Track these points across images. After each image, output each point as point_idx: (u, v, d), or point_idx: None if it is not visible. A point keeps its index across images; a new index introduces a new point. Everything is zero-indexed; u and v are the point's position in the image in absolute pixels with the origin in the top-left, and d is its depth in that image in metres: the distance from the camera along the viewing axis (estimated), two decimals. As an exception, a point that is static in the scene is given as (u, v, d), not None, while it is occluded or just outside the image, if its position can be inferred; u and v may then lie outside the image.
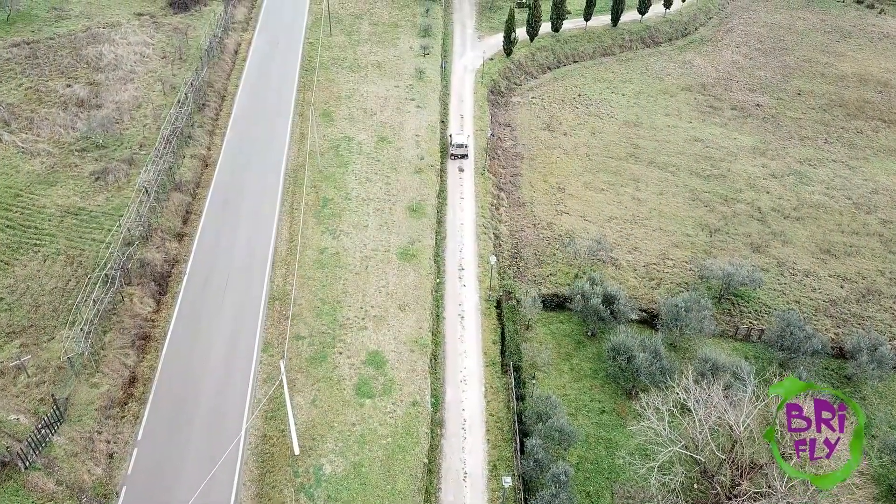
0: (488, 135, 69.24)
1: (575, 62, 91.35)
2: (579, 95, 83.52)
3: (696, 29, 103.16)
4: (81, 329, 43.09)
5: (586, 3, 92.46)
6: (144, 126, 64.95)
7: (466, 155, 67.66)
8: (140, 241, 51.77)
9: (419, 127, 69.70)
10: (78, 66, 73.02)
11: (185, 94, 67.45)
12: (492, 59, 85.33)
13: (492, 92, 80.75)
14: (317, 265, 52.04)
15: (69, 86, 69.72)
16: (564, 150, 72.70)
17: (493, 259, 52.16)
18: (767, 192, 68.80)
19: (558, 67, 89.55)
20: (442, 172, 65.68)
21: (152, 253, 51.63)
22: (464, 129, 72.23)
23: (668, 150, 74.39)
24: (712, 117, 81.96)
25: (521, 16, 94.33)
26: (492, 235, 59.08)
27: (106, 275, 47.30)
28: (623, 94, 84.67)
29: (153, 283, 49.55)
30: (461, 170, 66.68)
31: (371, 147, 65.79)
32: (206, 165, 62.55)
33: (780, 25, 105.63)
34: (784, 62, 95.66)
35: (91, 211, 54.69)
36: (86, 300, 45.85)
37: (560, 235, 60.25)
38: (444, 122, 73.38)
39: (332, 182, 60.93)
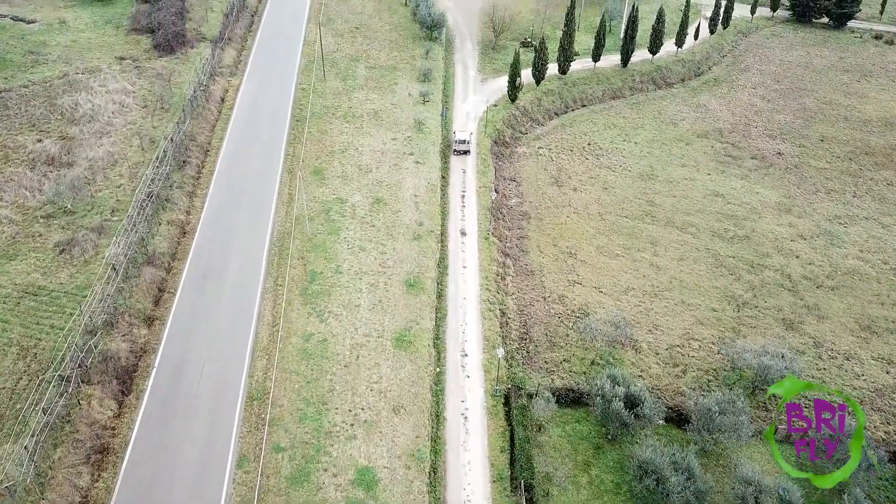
0: (492, 196, 63.82)
1: (583, 106, 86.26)
2: (589, 144, 78.26)
3: (709, 68, 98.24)
4: (26, 447, 37.34)
5: (595, 43, 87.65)
6: (119, 187, 59.59)
7: (468, 151, 70.88)
8: (104, 328, 46.15)
9: (418, 186, 64.32)
10: (51, 117, 67.92)
11: (164, 150, 62.21)
12: (495, 105, 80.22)
13: (496, 142, 75.49)
14: (301, 356, 46.33)
15: (40, 140, 64.54)
16: (575, 209, 67.26)
17: (500, 352, 46.43)
18: (797, 257, 63.20)
19: (566, 113, 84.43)
20: (442, 236, 60.20)
21: (117, 342, 45.98)
22: (467, 127, 75.00)
23: (687, 208, 68.96)
24: (732, 168, 76.61)
25: (526, 56, 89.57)
26: (498, 312, 53.41)
27: (61, 375, 41.65)
28: (635, 143, 79.44)
29: (115, 380, 43.82)
30: (463, 233, 61.21)
31: (365, 210, 60.38)
32: (184, 233, 57.06)
33: (796, 64, 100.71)
34: (804, 104, 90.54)
35: (52, 290, 49.14)
36: (35, 406, 40.16)
37: (573, 311, 54.59)
38: (444, 178, 68.04)
39: (321, 252, 55.40)
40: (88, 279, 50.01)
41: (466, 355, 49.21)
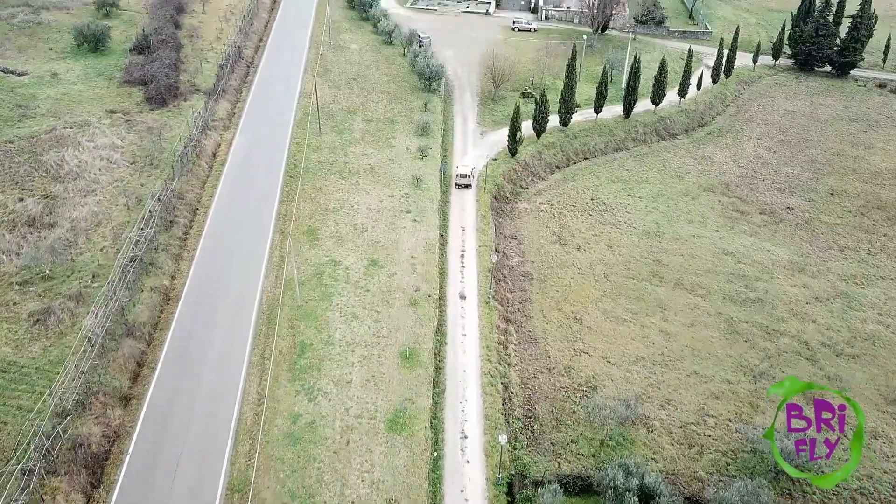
0: (493, 259, 60.98)
1: (586, 159, 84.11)
2: (592, 199, 75.79)
3: (713, 118, 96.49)
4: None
5: (597, 94, 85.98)
6: (101, 250, 56.78)
7: (469, 185, 72.07)
8: (75, 410, 42.82)
9: (415, 246, 61.59)
10: (36, 174, 65.56)
11: (151, 210, 59.60)
12: (495, 159, 78.07)
13: (496, 198, 73.03)
14: (288, 440, 42.88)
15: (22, 199, 62.02)
16: (579, 269, 64.38)
17: (503, 439, 42.94)
18: (813, 321, 60.08)
19: (568, 166, 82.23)
20: (441, 301, 57.16)
21: (89, 426, 42.59)
22: (469, 162, 75.44)
23: (696, 268, 66.08)
24: (740, 224, 73.99)
25: (527, 107, 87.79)
26: (500, 387, 50.04)
27: (23, 468, 38.18)
28: (640, 198, 76.99)
29: (85, 470, 40.29)
30: (462, 297, 58.20)
31: (360, 273, 57.49)
32: (168, 300, 54.05)
33: (801, 113, 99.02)
34: (811, 156, 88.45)
35: (23, 367, 45.94)
36: (-6, 504, 36.64)
37: (580, 385, 51.25)
38: (443, 237, 65.33)
39: (312, 321, 52.31)
40: (63, 353, 46.86)
41: (466, 437, 45.71)
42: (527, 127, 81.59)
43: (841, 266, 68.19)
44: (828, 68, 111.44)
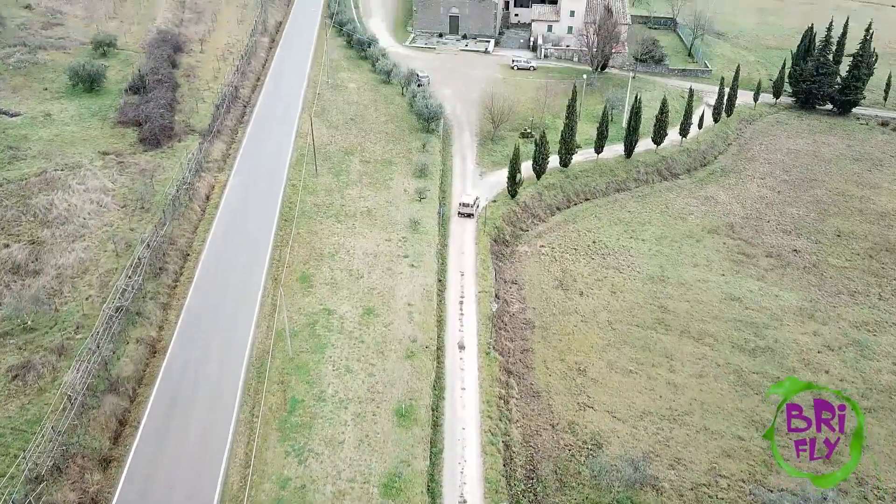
0: (493, 307, 58.94)
1: (587, 200, 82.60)
2: (594, 242, 74.04)
3: (715, 158, 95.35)
4: None
5: (597, 134, 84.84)
6: (87, 299, 54.75)
7: (472, 214, 72.67)
8: (51, 475, 40.36)
9: (412, 293, 59.59)
10: (23, 218, 63.75)
11: (139, 257, 57.74)
12: (495, 201, 76.53)
13: (495, 241, 71.29)
14: (276, 508, 40.37)
15: (7, 245, 60.08)
16: (582, 317, 62.30)
17: (503, 506, 40.52)
18: (826, 372, 57.82)
19: (569, 207, 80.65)
20: (439, 351, 54.97)
21: (65, 492, 40.10)
22: (472, 193, 75.81)
23: (702, 314, 64.03)
24: (747, 268, 72.11)
25: (526, 147, 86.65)
26: (500, 446, 47.61)
27: (-10, 543, 35.69)
28: (643, 240, 75.25)
29: (57, 543, 37.76)
30: (462, 347, 56.01)
31: (354, 323, 55.37)
32: (154, 353, 51.87)
33: (804, 152, 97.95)
34: (816, 196, 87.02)
35: (-2, 427, 43.57)
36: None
37: (585, 442, 48.84)
38: (441, 281, 63.42)
39: (303, 374, 50.06)
40: (41, 411, 44.54)
41: (465, 502, 43.14)
42: (526, 167, 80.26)
43: (852, 312, 66.14)
44: (829, 106, 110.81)
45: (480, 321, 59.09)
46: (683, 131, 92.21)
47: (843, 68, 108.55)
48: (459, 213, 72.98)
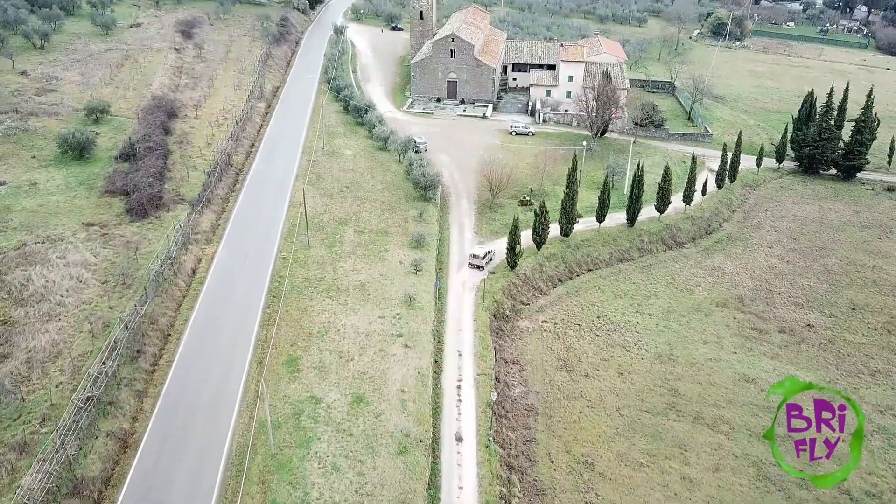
0: (493, 398, 55.00)
1: (589, 271, 79.55)
2: (598, 317, 70.62)
3: (720, 225, 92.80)
4: None
5: (599, 202, 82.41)
6: (57, 386, 50.97)
7: (482, 267, 72.89)
8: None
9: (406, 377, 55.82)
10: (-3, 296, 60.59)
11: (115, 340, 54.21)
12: (494, 272, 73.46)
13: (495, 316, 67.88)
14: None
15: (-23, 327, 56.74)
16: (588, 401, 58.36)
17: None
18: (853, 464, 53.49)
19: (571, 279, 77.53)
20: (434, 444, 50.85)
21: None
22: (486, 247, 75.61)
23: (715, 397, 60.12)
24: (759, 344, 68.49)
25: (526, 216, 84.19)
26: (501, 557, 43.10)
27: None
28: (650, 315, 71.86)
29: None
30: (459, 439, 51.90)
31: (343, 412, 51.43)
32: (126, 448, 47.81)
33: (811, 219, 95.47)
34: (826, 265, 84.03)
35: (-57, 540, 39.29)
36: None
37: (594, 551, 44.33)
38: (437, 363, 59.69)
39: (286, 473, 45.89)
40: (-6, 521, 40.31)
41: None
42: (526, 236, 77.56)
43: (874, 394, 62.25)
44: (833, 171, 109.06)
45: (479, 409, 55.16)
46: (687, 198, 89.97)
47: (845, 133, 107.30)
48: (470, 263, 73.82)
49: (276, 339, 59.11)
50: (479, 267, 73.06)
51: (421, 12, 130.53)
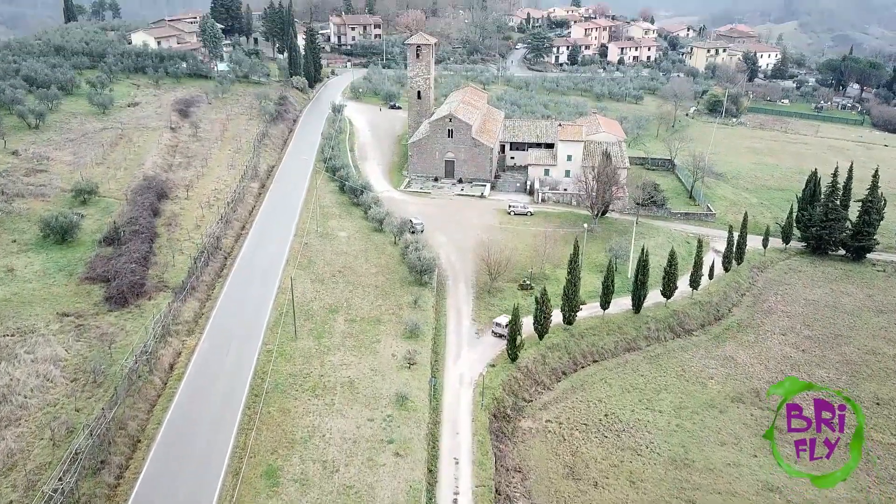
0: (493, 519, 49.76)
1: (595, 361, 75.09)
2: (606, 416, 65.69)
3: (729, 310, 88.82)
4: None
5: (603, 288, 78.67)
6: (7, 505, 45.80)
7: (504, 335, 71.04)
8: None
9: (396, 492, 50.55)
10: (-45, 398, 55.86)
11: (75, 451, 49.26)
12: (493, 365, 69.01)
13: (495, 416, 62.97)
14: None
15: (-72, 434, 51.79)
16: (598, 517, 52.86)
17: None
18: None
19: (576, 371, 72.96)
20: (427, 572, 45.21)
21: None
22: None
23: (738, 510, 54.62)
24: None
25: (526, 300, 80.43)
26: None
27: None
28: (660, 412, 66.96)
29: None
30: (455, 565, 46.30)
31: (326, 536, 46.01)
32: (76, 583, 42.24)
33: (824, 304, 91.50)
34: (844, 355, 79.53)
35: None
36: None
37: None
38: (431, 473, 54.46)
39: None
40: None
41: None
42: (527, 324, 73.46)
43: (912, 506, 56.72)
44: (842, 252, 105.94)
45: (478, 526, 49.70)
46: (694, 282, 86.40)
47: (852, 213, 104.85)
48: (493, 332, 74.19)
49: (256, 445, 54.10)
50: (502, 336, 72.01)
51: (419, 92, 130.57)
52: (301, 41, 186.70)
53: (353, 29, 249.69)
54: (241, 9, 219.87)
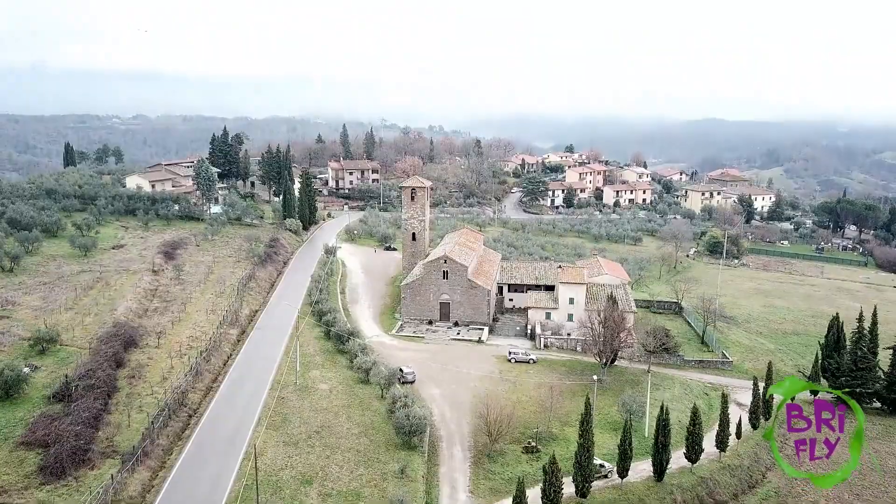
0: None
1: (615, 544, 63.20)
2: None
3: (763, 476, 77.56)
4: None
5: (619, 453, 68.37)
6: None
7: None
8: None
9: None
10: None
11: None
12: (495, 553, 57.33)
13: None
14: None
15: None
16: None
17: None
18: None
19: (593, 558, 60.98)
20: None
21: None
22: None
23: None
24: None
25: (532, 466, 69.88)
26: None
27: None
28: None
29: None
30: None
31: None
32: None
33: (869, 466, 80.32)
34: (906, 532, 67.72)
35: None
36: None
37: None
38: None
39: None
40: None
41: None
42: (534, 496, 62.50)
43: None
44: (877, 404, 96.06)
45: None
46: (721, 443, 76.05)
47: (882, 360, 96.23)
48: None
49: None
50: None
51: (413, 234, 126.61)
52: (297, 184, 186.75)
53: (350, 174, 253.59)
54: (239, 153, 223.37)
